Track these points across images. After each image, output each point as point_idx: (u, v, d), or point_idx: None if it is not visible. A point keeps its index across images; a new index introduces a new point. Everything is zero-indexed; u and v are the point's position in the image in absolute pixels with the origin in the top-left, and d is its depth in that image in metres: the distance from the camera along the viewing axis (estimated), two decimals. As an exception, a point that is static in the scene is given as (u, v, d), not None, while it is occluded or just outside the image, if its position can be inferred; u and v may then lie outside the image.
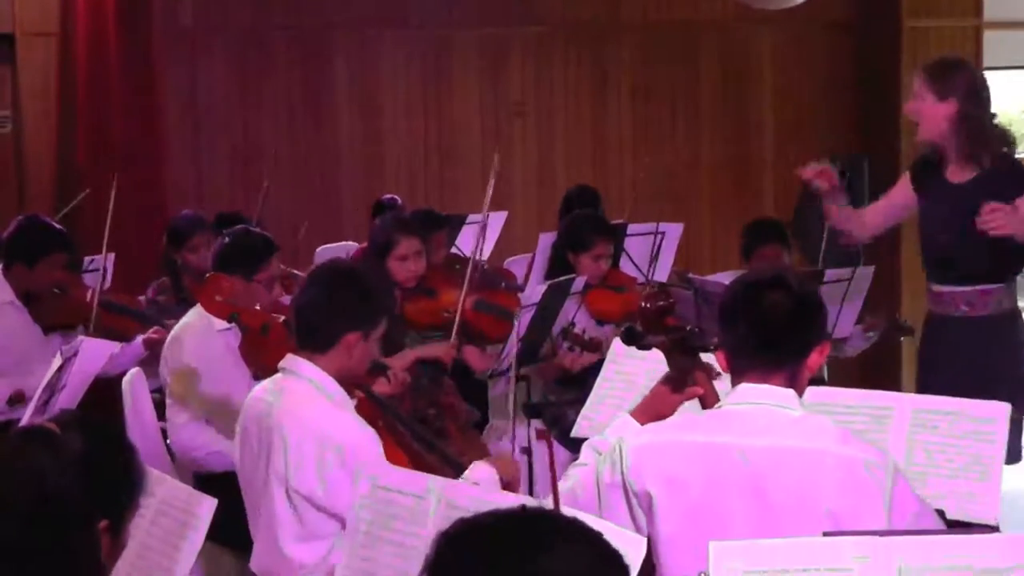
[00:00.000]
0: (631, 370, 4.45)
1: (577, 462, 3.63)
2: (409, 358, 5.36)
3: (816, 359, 3.40)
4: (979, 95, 5.49)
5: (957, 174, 5.48)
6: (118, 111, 8.77)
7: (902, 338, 8.73)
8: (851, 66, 10.47)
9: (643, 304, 6.50)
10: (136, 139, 8.83)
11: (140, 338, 6.24)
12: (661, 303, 6.57)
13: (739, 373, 3.41)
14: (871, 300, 7.16)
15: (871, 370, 8.63)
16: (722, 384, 3.53)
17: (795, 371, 3.38)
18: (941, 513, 3.58)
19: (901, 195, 5.76)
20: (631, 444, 3.40)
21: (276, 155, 9.48)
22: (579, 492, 3.46)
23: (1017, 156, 5.66)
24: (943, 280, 5.57)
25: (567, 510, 2.57)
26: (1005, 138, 5.56)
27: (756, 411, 3.33)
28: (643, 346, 3.82)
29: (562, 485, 3.51)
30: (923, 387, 5.48)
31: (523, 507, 2.09)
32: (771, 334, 3.35)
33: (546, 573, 2.00)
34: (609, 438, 3.58)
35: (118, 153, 8.71)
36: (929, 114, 5.45)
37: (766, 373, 3.35)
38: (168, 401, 5.62)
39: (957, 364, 5.49)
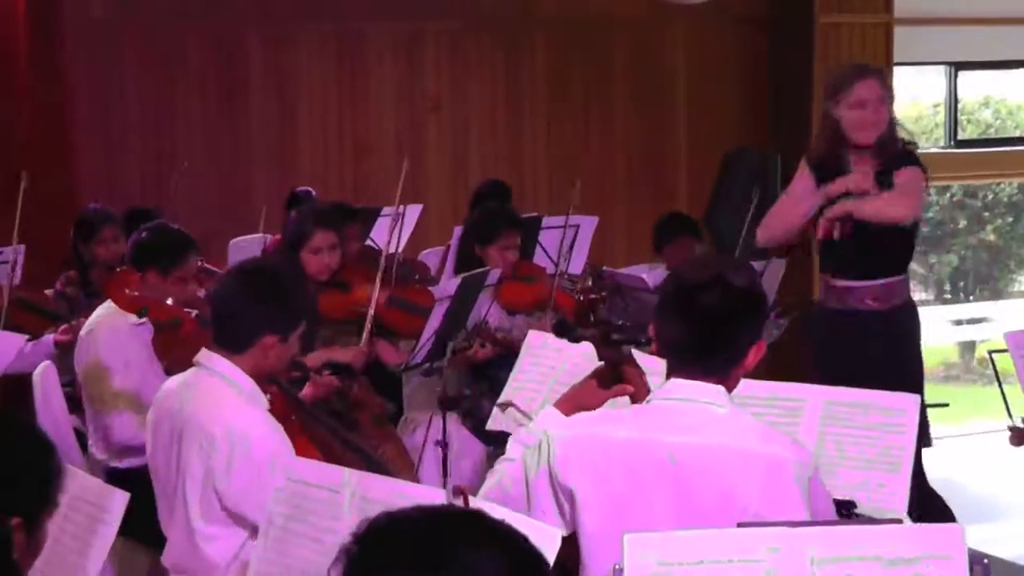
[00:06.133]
0: (547, 362, 4.45)
1: (504, 456, 3.56)
2: (319, 360, 5.32)
3: (752, 359, 3.31)
4: None
5: (860, 167, 5.64)
6: (26, 103, 8.65)
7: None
8: (764, 62, 10.53)
9: (578, 297, 6.57)
10: (45, 132, 8.72)
11: (51, 336, 6.15)
12: (593, 296, 6.62)
13: (673, 369, 3.31)
14: (784, 296, 7.23)
15: (781, 363, 8.67)
16: (657, 378, 3.45)
17: (730, 371, 3.30)
18: (852, 504, 3.62)
19: (805, 187, 5.82)
20: (558, 436, 3.32)
21: (190, 148, 9.37)
22: (508, 487, 3.39)
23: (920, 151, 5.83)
24: (848, 275, 5.68)
25: (494, 508, 2.52)
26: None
27: (684, 407, 3.25)
28: (574, 338, 3.80)
29: (490, 480, 3.49)
30: (822, 381, 5.57)
31: (448, 505, 2.06)
32: (707, 338, 3.25)
33: (461, 573, 1.99)
34: (535, 431, 3.48)
35: (26, 146, 8.59)
36: (886, 117, 5.62)
37: (700, 374, 3.26)
38: (88, 400, 5.57)
39: (862, 357, 5.60)
